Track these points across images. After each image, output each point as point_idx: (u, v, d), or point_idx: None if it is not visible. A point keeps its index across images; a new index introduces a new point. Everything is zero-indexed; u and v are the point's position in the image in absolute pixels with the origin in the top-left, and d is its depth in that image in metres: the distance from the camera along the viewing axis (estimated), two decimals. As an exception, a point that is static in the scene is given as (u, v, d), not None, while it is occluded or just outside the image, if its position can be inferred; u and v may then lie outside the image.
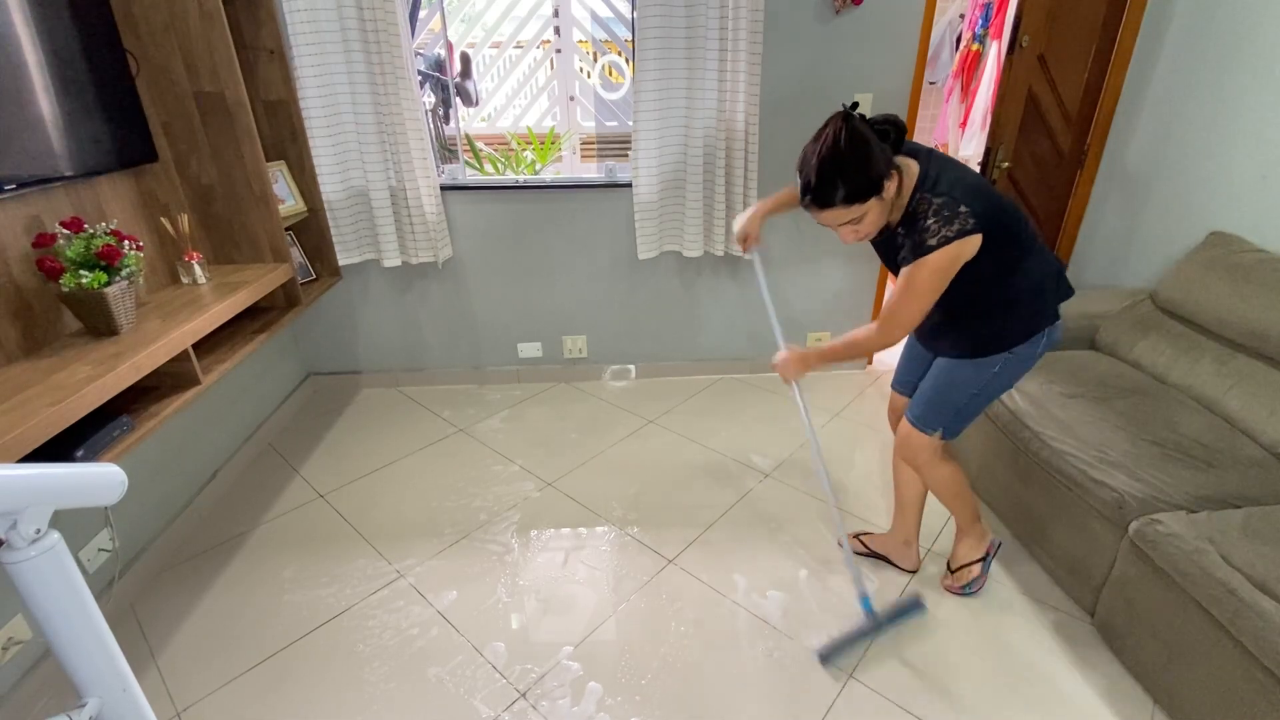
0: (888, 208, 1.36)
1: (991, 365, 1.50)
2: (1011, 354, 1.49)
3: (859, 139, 1.27)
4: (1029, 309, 1.47)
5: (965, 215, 1.29)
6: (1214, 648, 1.34)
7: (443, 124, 3.51)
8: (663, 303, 2.96)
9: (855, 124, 1.28)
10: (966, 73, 3.80)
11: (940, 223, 1.29)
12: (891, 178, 1.32)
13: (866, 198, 1.30)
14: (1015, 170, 2.74)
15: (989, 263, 1.35)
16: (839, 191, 1.29)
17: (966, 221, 1.28)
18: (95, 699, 0.78)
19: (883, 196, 1.32)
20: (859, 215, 1.33)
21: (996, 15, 3.51)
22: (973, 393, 1.55)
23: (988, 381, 1.53)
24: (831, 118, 1.30)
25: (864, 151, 1.27)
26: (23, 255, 1.54)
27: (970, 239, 1.30)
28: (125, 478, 0.80)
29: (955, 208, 1.29)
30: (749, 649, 1.69)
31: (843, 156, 1.27)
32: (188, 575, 1.96)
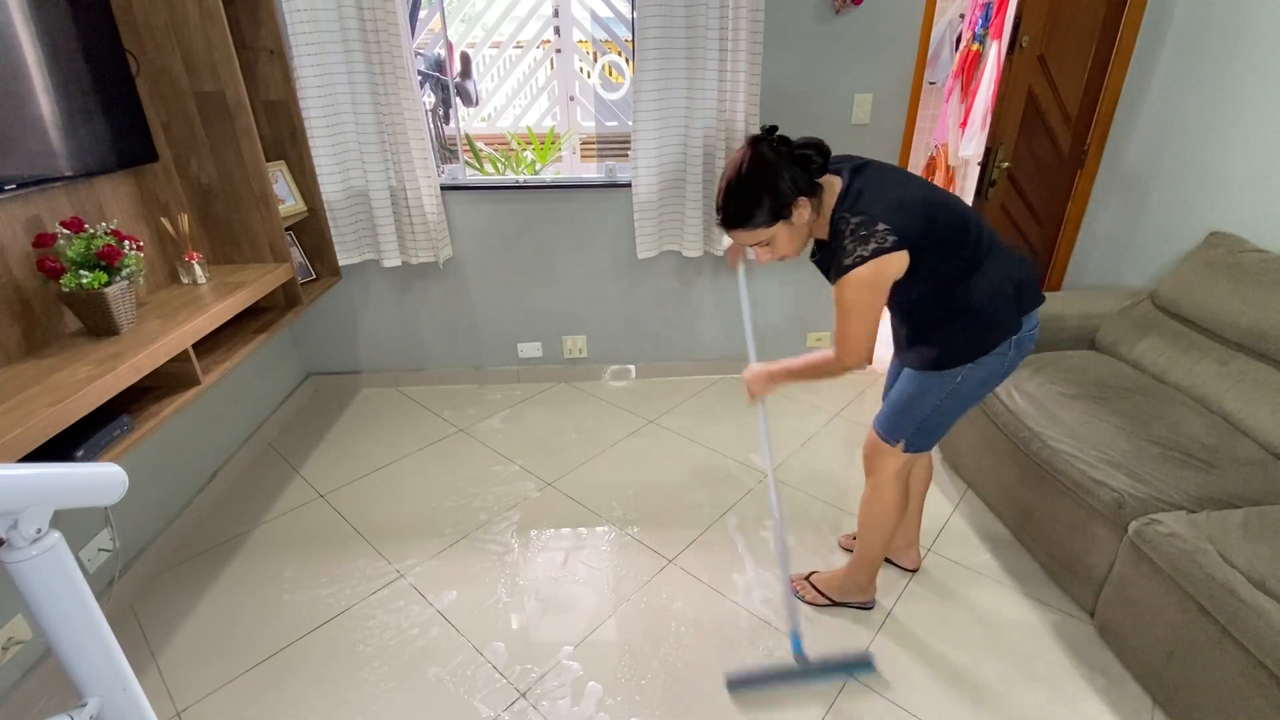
0: (800, 231, 1.38)
1: (954, 377, 1.45)
2: (976, 364, 1.43)
3: (763, 166, 1.31)
4: (986, 320, 1.40)
5: (883, 233, 1.27)
6: (1214, 648, 1.34)
7: (443, 124, 3.51)
8: (663, 303, 2.96)
9: (761, 150, 1.31)
10: (966, 73, 3.80)
11: (856, 242, 1.29)
12: (800, 204, 1.33)
13: (769, 222, 1.33)
14: (1015, 170, 2.74)
15: (931, 277, 1.35)
16: (740, 215, 1.33)
17: (884, 240, 1.27)
18: (96, 699, 0.77)
19: (791, 221, 1.34)
20: (766, 238, 1.36)
21: (996, 15, 3.51)
22: (935, 404, 1.49)
23: (950, 393, 1.47)
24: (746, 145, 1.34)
25: (765, 178, 1.30)
26: (23, 255, 1.54)
27: (889, 256, 1.27)
28: (125, 478, 0.80)
29: (872, 226, 1.28)
30: (749, 649, 1.69)
31: (744, 183, 1.31)
32: (188, 575, 1.96)
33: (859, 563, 1.73)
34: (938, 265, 1.34)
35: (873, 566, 1.73)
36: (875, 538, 1.67)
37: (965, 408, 1.51)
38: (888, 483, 1.61)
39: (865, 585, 1.76)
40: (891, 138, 2.67)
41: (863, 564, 1.73)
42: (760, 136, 1.34)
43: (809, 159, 1.34)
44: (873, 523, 1.65)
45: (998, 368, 1.44)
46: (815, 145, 1.35)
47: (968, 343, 1.42)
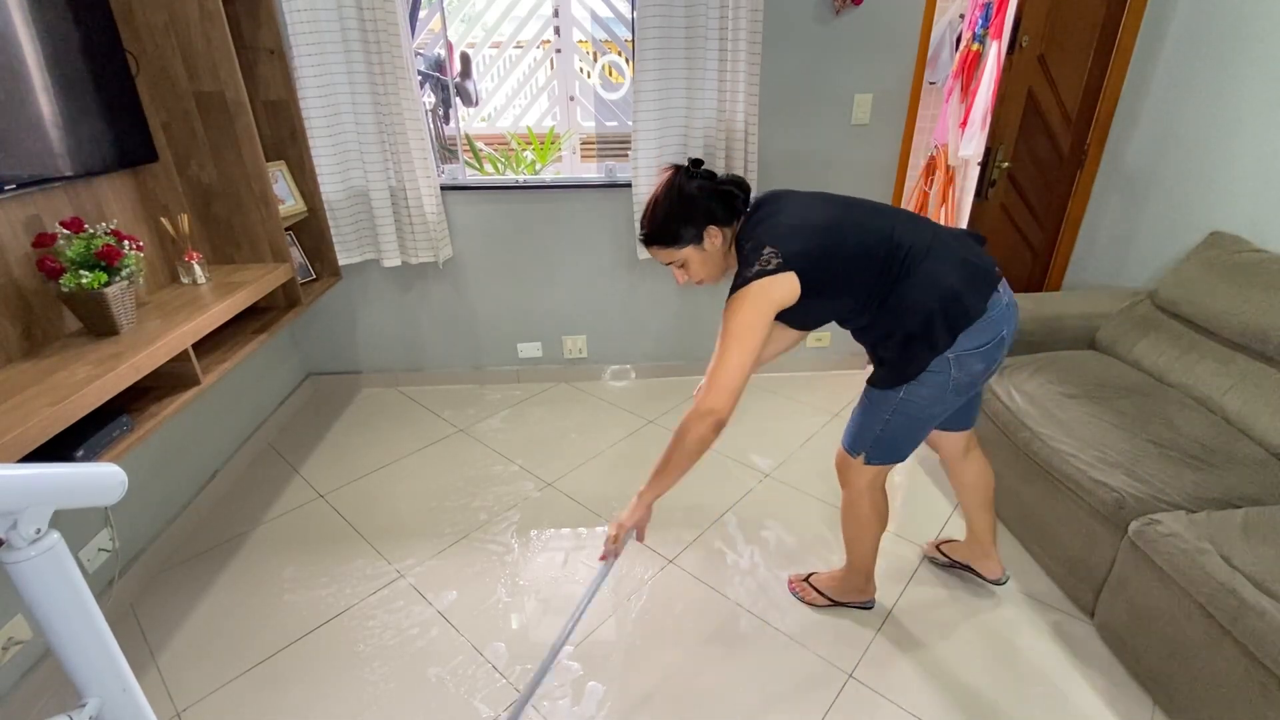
0: (712, 257, 1.42)
1: (896, 393, 1.44)
2: (917, 382, 1.40)
3: (680, 195, 1.37)
4: (913, 338, 1.36)
5: (769, 256, 1.29)
6: (1214, 648, 1.34)
7: (443, 124, 3.50)
8: (663, 303, 2.96)
9: (679, 181, 1.38)
10: (966, 73, 3.80)
11: (744, 266, 1.33)
12: (711, 232, 1.38)
13: (680, 245, 1.39)
14: (1015, 170, 2.74)
15: (844, 292, 1.37)
16: (656, 235, 1.40)
17: (769, 263, 1.29)
18: (95, 699, 0.77)
19: (703, 248, 1.40)
20: (679, 259, 1.43)
21: (996, 15, 3.51)
22: (885, 419, 1.47)
23: (895, 410, 1.45)
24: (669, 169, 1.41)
25: (681, 206, 1.37)
26: (23, 255, 1.54)
27: (771, 280, 1.29)
28: (125, 478, 0.80)
29: (759, 251, 1.31)
30: (749, 649, 1.69)
31: (659, 206, 1.39)
32: (188, 575, 1.96)
33: (851, 567, 1.75)
34: (848, 281, 1.35)
35: (865, 569, 1.74)
36: (860, 545, 1.68)
37: (922, 425, 1.49)
38: (860, 495, 1.60)
39: (862, 586, 1.77)
40: (891, 138, 2.67)
41: (854, 567, 1.74)
42: (683, 167, 1.41)
43: (731, 194, 1.40)
44: (853, 534, 1.67)
45: (942, 386, 1.40)
46: (736, 182, 1.42)
47: (906, 359, 1.40)
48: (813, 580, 1.85)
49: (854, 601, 1.80)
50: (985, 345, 1.38)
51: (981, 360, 1.39)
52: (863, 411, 1.52)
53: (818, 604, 1.82)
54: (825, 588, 1.82)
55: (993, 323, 1.37)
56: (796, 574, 1.90)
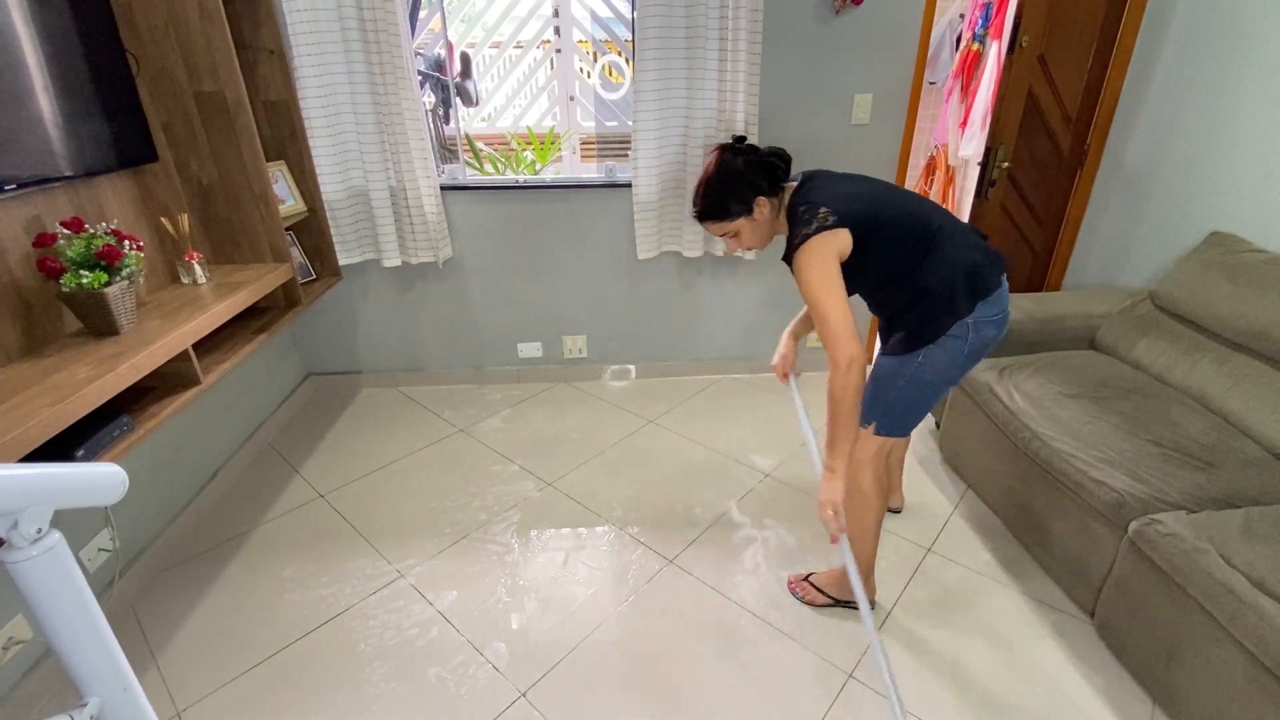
0: (761, 226, 1.57)
1: (914, 358, 1.53)
2: (936, 345, 1.50)
3: (728, 169, 1.51)
4: (940, 303, 1.49)
5: (824, 215, 1.43)
6: (1214, 648, 1.34)
7: (443, 124, 3.50)
8: (663, 303, 2.96)
9: (726, 158, 1.52)
10: (966, 73, 3.80)
11: (801, 225, 1.45)
12: (760, 202, 1.53)
13: (733, 216, 1.54)
14: (1015, 170, 2.74)
15: (881, 262, 1.49)
16: (708, 209, 1.55)
17: (826, 219, 1.42)
18: (96, 698, 0.77)
19: (753, 217, 1.54)
20: (733, 230, 1.57)
21: (996, 15, 3.51)
22: (900, 386, 1.56)
23: (912, 375, 1.54)
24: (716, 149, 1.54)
25: (730, 179, 1.51)
26: (23, 255, 1.54)
27: (831, 233, 1.42)
28: (125, 477, 0.80)
29: (814, 211, 1.44)
30: (749, 648, 1.69)
31: (712, 182, 1.53)
32: (188, 575, 1.96)
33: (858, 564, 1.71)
34: (885, 250, 1.47)
35: (866, 562, 1.73)
36: (862, 526, 1.67)
37: (933, 392, 1.56)
38: (861, 468, 1.63)
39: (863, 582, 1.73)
40: (891, 138, 2.67)
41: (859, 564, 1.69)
42: (728, 145, 1.54)
43: (773, 165, 1.54)
44: (855, 513, 1.65)
45: (958, 351, 1.51)
46: (778, 154, 1.55)
47: (926, 324, 1.51)
48: (813, 579, 1.86)
49: (847, 601, 1.79)
50: (996, 315, 1.52)
51: (993, 327, 1.52)
52: (875, 382, 1.61)
53: (818, 603, 1.82)
54: (826, 585, 1.83)
55: (1001, 298, 1.53)
56: (796, 574, 1.90)
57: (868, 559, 1.72)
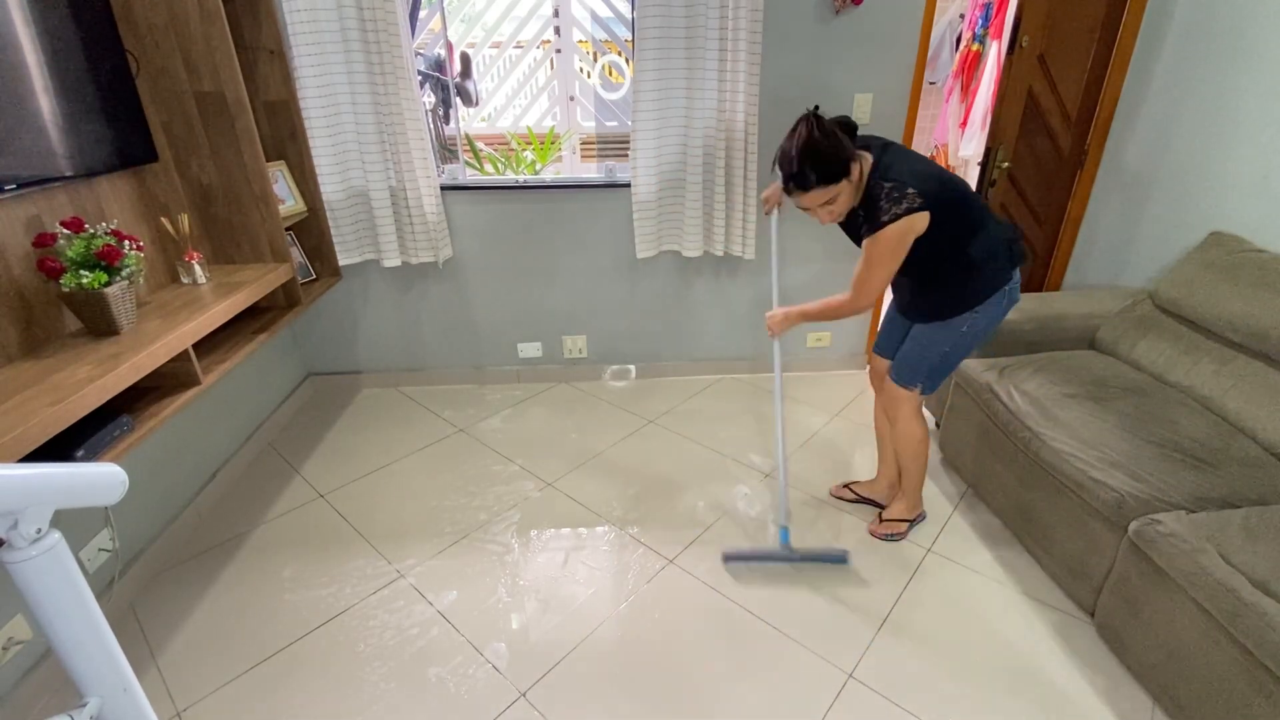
0: (856, 188, 1.62)
1: (960, 325, 1.74)
2: (975, 313, 1.72)
3: (828, 131, 1.54)
4: (985, 273, 1.69)
5: (912, 196, 1.53)
6: (1214, 648, 1.34)
7: (443, 124, 3.51)
8: (663, 303, 2.96)
9: (823, 123, 1.55)
10: (966, 73, 3.80)
11: (890, 203, 1.54)
12: (853, 166, 1.58)
13: (839, 179, 1.56)
14: (1015, 170, 2.74)
15: (942, 237, 1.60)
16: (816, 174, 1.55)
17: (914, 201, 1.53)
18: (96, 698, 0.78)
19: (851, 179, 1.58)
20: (834, 195, 1.59)
21: (996, 15, 3.51)
22: (945, 350, 1.79)
23: (957, 340, 1.76)
24: (801, 117, 1.56)
25: (834, 141, 1.54)
26: (23, 255, 1.54)
27: (917, 216, 1.54)
28: (126, 478, 0.80)
29: (904, 189, 1.54)
30: (749, 648, 1.69)
31: (818, 145, 1.53)
32: (188, 575, 1.96)
33: (910, 488, 2.02)
34: (948, 228, 1.60)
35: (920, 487, 2.04)
36: (916, 465, 1.97)
37: (968, 352, 1.82)
38: (911, 420, 1.90)
39: (918, 504, 2.07)
40: (891, 137, 2.66)
41: (912, 488, 2.02)
42: (812, 113, 1.56)
43: (850, 127, 1.62)
44: (910, 454, 1.95)
45: (996, 314, 1.74)
46: (847, 120, 1.64)
47: (971, 293, 1.70)
48: (884, 517, 2.08)
49: (918, 517, 2.09)
50: (1018, 281, 1.75)
51: (1017, 291, 1.76)
52: (921, 348, 1.81)
53: (902, 533, 2.05)
54: (900, 515, 2.06)
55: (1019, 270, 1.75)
56: (871, 524, 2.10)
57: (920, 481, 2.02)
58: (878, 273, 1.63)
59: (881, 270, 1.63)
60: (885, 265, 1.62)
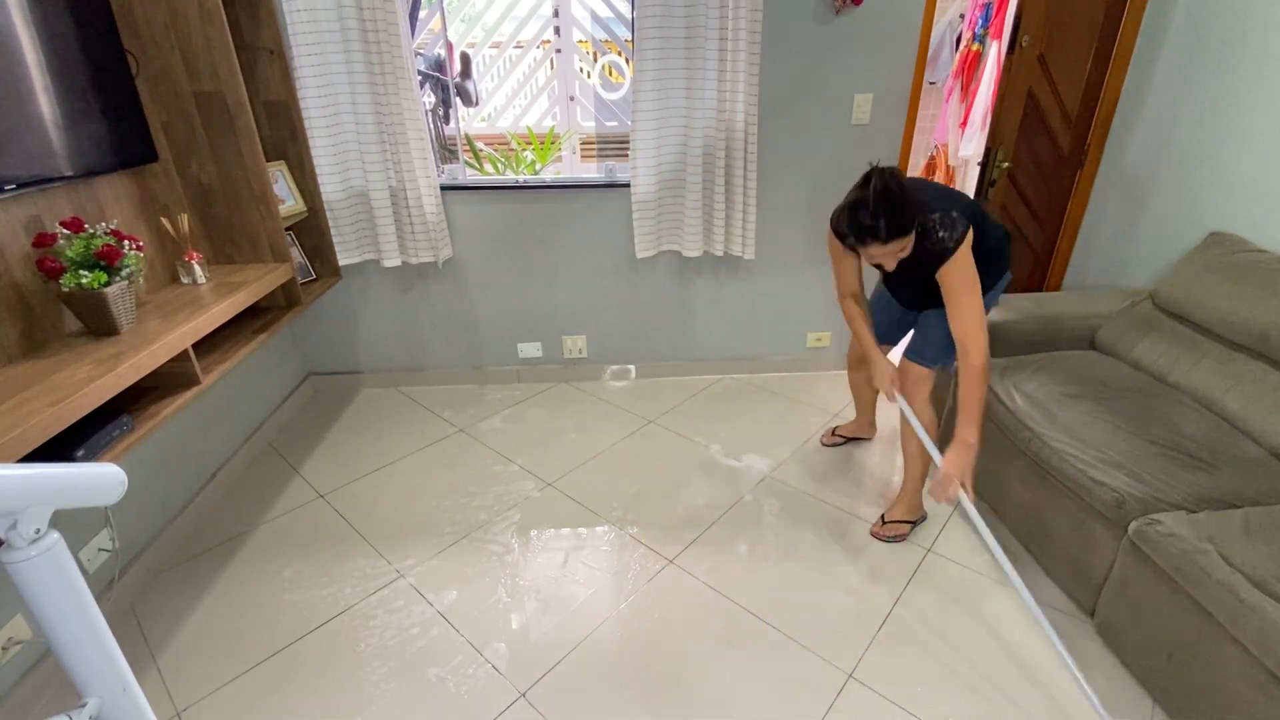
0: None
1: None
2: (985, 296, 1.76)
3: (902, 187, 1.56)
4: (995, 261, 1.81)
5: (958, 219, 1.66)
6: (1214, 648, 1.34)
7: (443, 124, 3.50)
8: (663, 303, 2.96)
9: (893, 179, 1.56)
10: (966, 73, 3.80)
11: (947, 230, 1.66)
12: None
13: (914, 228, 1.61)
14: (1015, 170, 2.74)
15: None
16: (905, 226, 1.58)
17: (963, 223, 1.66)
18: (95, 699, 0.78)
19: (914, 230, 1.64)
20: (907, 243, 1.64)
21: (996, 15, 3.51)
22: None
23: None
24: (870, 172, 1.58)
25: (905, 193, 1.57)
26: (23, 255, 1.54)
27: (970, 232, 1.66)
28: (125, 478, 0.80)
29: (949, 214, 1.66)
30: (749, 648, 1.69)
31: (896, 199, 1.55)
32: (188, 575, 1.96)
33: (911, 487, 2.07)
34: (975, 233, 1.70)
35: (920, 487, 2.08)
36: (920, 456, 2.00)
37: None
38: (925, 405, 1.96)
39: (918, 505, 2.11)
40: (891, 138, 2.67)
41: (912, 489, 2.07)
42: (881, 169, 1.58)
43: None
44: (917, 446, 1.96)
45: (997, 295, 1.91)
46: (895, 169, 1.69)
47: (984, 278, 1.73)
48: (887, 518, 2.09)
49: (918, 518, 2.11)
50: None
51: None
52: (939, 330, 1.85)
53: (905, 535, 2.07)
54: (902, 516, 2.09)
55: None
56: (874, 525, 2.11)
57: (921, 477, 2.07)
58: (970, 302, 1.66)
59: (976, 294, 1.66)
60: (972, 289, 1.66)
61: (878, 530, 2.08)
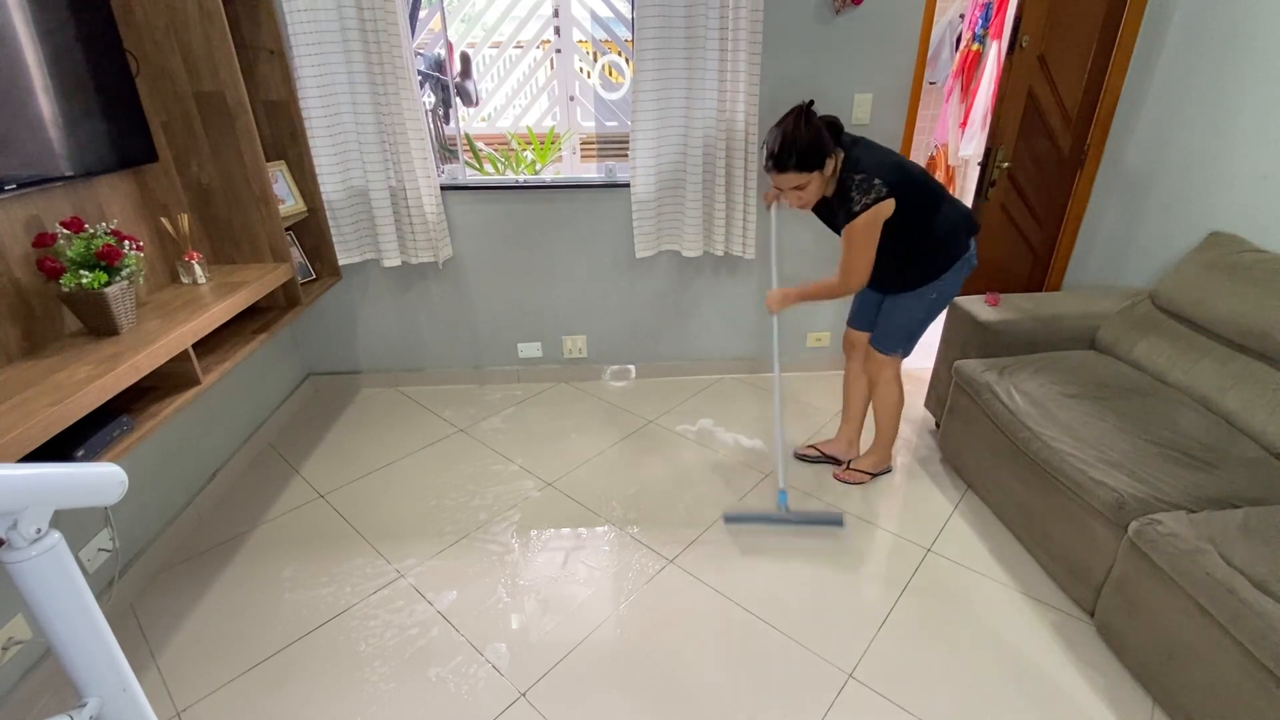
0: (826, 183, 1.83)
1: (929, 293, 1.96)
2: (941, 280, 1.94)
3: (812, 124, 1.74)
4: (947, 246, 1.90)
5: (879, 186, 1.75)
6: (1214, 648, 1.34)
7: (443, 124, 3.51)
8: (663, 303, 2.96)
9: (812, 114, 1.76)
10: (966, 73, 3.80)
11: (860, 193, 1.76)
12: (831, 158, 1.78)
13: (812, 169, 1.77)
14: (1015, 170, 2.74)
15: (907, 218, 1.81)
16: (793, 159, 1.76)
17: (881, 190, 1.74)
18: (95, 699, 0.78)
19: (824, 172, 1.79)
20: (804, 183, 1.79)
21: (996, 15, 3.51)
22: (919, 317, 2.02)
23: (929, 306, 2.00)
24: (794, 108, 1.77)
25: (814, 134, 1.74)
26: (23, 255, 1.54)
27: (884, 203, 1.75)
28: (125, 478, 0.80)
29: (871, 180, 1.75)
30: (749, 648, 1.69)
31: (799, 134, 1.74)
32: (188, 575, 1.96)
33: (882, 442, 2.27)
34: (912, 210, 1.81)
35: (891, 443, 2.28)
36: (890, 422, 2.22)
37: (937, 315, 2.05)
38: (892, 383, 2.15)
39: (888, 457, 2.32)
40: (891, 138, 2.67)
41: (884, 442, 2.27)
42: (806, 108, 1.76)
43: (836, 126, 1.83)
44: (887, 413, 2.21)
45: (955, 281, 1.97)
46: (834, 120, 1.84)
47: (937, 265, 1.92)
48: (854, 466, 2.31)
49: (882, 470, 2.32)
50: (973, 252, 1.97)
51: (974, 257, 1.97)
52: (902, 316, 2.03)
53: (862, 482, 2.29)
54: (865, 467, 2.30)
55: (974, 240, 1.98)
56: (836, 470, 2.34)
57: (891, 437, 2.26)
58: (859, 256, 1.82)
59: (862, 254, 1.81)
60: (864, 249, 1.81)
61: (839, 473, 2.31)
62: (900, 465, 2.42)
